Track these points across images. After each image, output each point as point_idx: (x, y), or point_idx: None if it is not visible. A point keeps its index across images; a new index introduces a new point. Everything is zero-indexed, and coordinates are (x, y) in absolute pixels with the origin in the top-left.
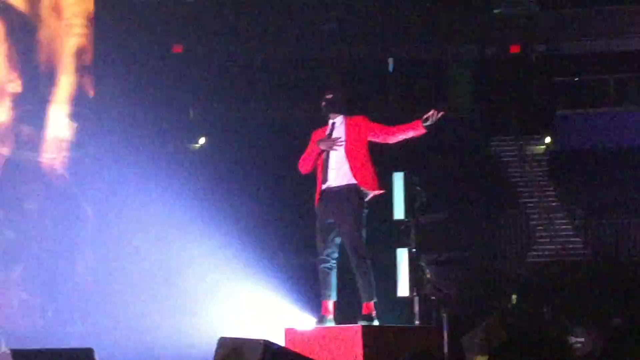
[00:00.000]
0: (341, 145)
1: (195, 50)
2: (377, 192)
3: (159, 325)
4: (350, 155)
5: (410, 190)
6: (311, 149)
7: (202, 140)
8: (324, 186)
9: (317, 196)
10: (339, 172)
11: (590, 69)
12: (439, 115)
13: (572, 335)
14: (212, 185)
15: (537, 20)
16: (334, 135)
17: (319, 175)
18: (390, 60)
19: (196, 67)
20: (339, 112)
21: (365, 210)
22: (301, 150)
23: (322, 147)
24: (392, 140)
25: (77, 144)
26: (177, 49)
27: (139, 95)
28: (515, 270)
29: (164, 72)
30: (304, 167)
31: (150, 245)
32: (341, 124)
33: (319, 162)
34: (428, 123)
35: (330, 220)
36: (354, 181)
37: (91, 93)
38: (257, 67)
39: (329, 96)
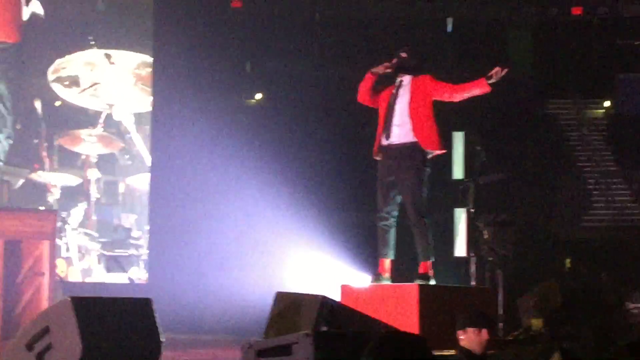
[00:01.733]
0: (391, 68)
1: (254, 4)
2: (439, 151)
3: (218, 279)
4: (414, 113)
5: (470, 150)
6: (366, 78)
7: (258, 96)
8: (386, 142)
9: (375, 148)
10: (402, 129)
11: None
12: (503, 72)
13: (629, 301)
14: (268, 141)
15: None
16: (400, 93)
17: (380, 130)
18: (449, 21)
19: (255, 22)
20: (410, 73)
21: (428, 169)
22: (358, 106)
23: (376, 70)
24: (458, 98)
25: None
26: (237, 3)
27: (198, 50)
28: (571, 234)
29: (223, 27)
30: (359, 94)
31: (209, 202)
32: (408, 83)
33: (381, 115)
34: (492, 80)
35: (392, 178)
36: (416, 139)
37: None
38: (316, 24)
39: (404, 55)
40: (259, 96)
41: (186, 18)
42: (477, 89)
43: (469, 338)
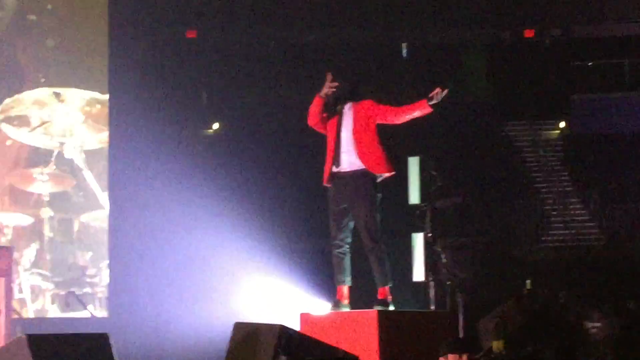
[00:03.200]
0: (334, 88)
1: (209, 35)
2: (388, 174)
3: (175, 311)
4: (358, 139)
5: (426, 175)
6: (315, 102)
7: (215, 126)
8: (335, 169)
9: (325, 175)
10: (349, 156)
11: (605, 52)
12: (444, 93)
13: (587, 319)
14: (225, 170)
15: (552, 4)
16: (344, 121)
17: (329, 157)
18: (404, 46)
19: (210, 52)
20: (349, 99)
21: (379, 194)
22: (313, 135)
23: (322, 94)
24: (400, 120)
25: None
26: (192, 34)
27: (153, 82)
28: (530, 255)
29: (179, 58)
30: (310, 117)
31: (167, 233)
32: (349, 109)
33: (330, 143)
34: (433, 102)
35: (344, 205)
36: (364, 165)
37: None
38: (271, 52)
39: (334, 88)
40: (216, 126)
41: (141, 50)
42: (417, 110)
43: None
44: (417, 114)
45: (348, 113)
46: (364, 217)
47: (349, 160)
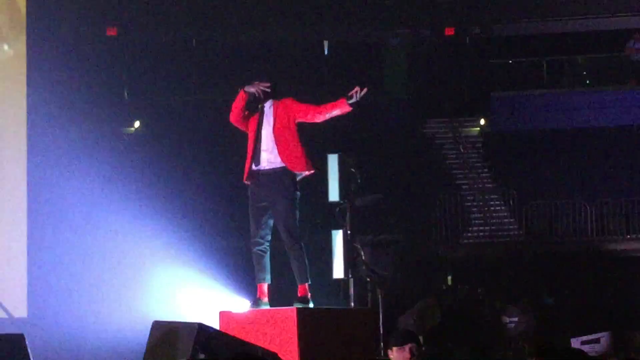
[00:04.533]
0: (266, 89)
1: (130, 33)
2: (307, 172)
3: (97, 310)
4: (279, 138)
5: (345, 172)
6: (239, 97)
7: (136, 124)
8: (255, 168)
9: (245, 173)
10: (269, 154)
11: (524, 51)
12: (363, 92)
13: (505, 314)
14: (145, 169)
15: (471, 2)
16: (265, 119)
17: (249, 155)
18: (326, 43)
19: (131, 49)
20: (270, 97)
21: (298, 192)
22: (233, 133)
23: (248, 90)
24: (320, 118)
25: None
26: (112, 31)
27: (75, 80)
28: (450, 252)
29: (99, 55)
30: (232, 113)
31: (86, 232)
32: (270, 107)
33: (250, 141)
34: (352, 100)
35: (263, 203)
36: (284, 164)
37: None
38: (192, 50)
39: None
40: (137, 124)
41: (60, 48)
42: (337, 109)
43: (395, 356)
44: (336, 112)
45: (269, 111)
46: (283, 215)
47: (269, 158)
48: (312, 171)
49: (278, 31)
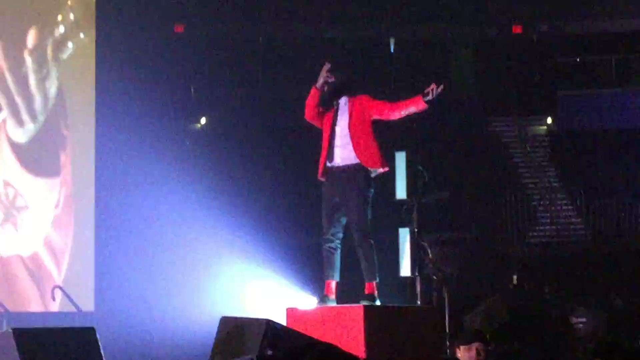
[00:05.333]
0: (331, 80)
1: (197, 29)
2: (382, 169)
3: (164, 305)
4: (354, 134)
5: (413, 170)
6: (312, 94)
7: (203, 120)
8: (329, 164)
9: (320, 169)
10: (344, 150)
11: (592, 49)
12: (439, 89)
13: (573, 315)
14: (214, 165)
15: (540, 0)
16: (339, 115)
17: (324, 152)
18: (392, 41)
19: (198, 46)
20: (345, 94)
21: (372, 190)
22: (302, 129)
23: (318, 85)
24: (395, 116)
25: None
26: (179, 28)
27: (142, 76)
28: (516, 251)
29: (167, 52)
30: (307, 111)
31: (153, 227)
32: (345, 104)
33: (325, 137)
34: (428, 98)
35: (337, 200)
36: (358, 160)
37: None
38: (259, 47)
39: (332, 79)
40: (204, 120)
41: (129, 44)
42: (413, 106)
43: (462, 355)
44: (412, 109)
45: (344, 107)
46: (355, 211)
47: (343, 154)
48: (386, 168)
49: (345, 28)
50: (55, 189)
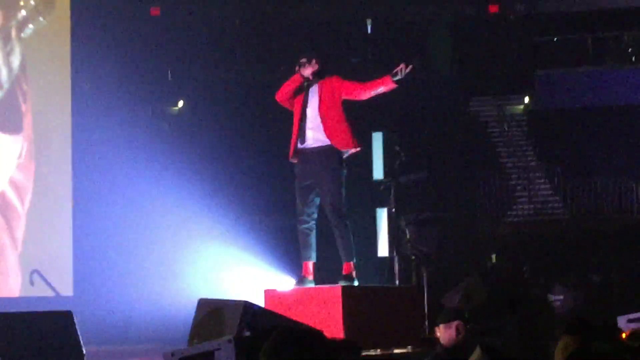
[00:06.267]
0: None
1: (173, 12)
2: (354, 149)
3: (140, 288)
4: (325, 115)
5: (390, 150)
6: (294, 78)
7: (180, 103)
8: (301, 146)
9: (291, 151)
10: (315, 132)
11: (568, 28)
12: (408, 69)
13: (551, 293)
14: (191, 147)
15: None
16: (310, 97)
17: (295, 133)
18: (369, 22)
19: (174, 29)
20: (316, 78)
21: (344, 171)
22: (278, 111)
23: (305, 74)
24: (365, 96)
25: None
26: (155, 11)
27: (117, 58)
28: (495, 230)
29: (142, 35)
30: (281, 92)
31: (128, 209)
32: (315, 85)
33: (296, 119)
34: (397, 77)
35: (310, 181)
36: (330, 141)
37: None
38: (235, 29)
39: (304, 61)
40: (180, 103)
41: (104, 28)
42: (382, 86)
43: (442, 334)
44: (381, 89)
45: (314, 89)
46: (329, 193)
47: (315, 136)
48: (358, 148)
49: (321, 9)
50: (29, 178)
